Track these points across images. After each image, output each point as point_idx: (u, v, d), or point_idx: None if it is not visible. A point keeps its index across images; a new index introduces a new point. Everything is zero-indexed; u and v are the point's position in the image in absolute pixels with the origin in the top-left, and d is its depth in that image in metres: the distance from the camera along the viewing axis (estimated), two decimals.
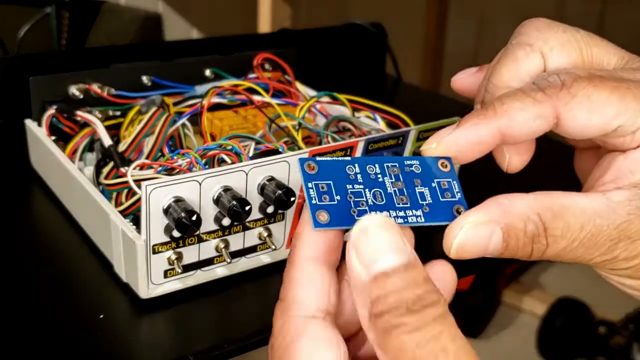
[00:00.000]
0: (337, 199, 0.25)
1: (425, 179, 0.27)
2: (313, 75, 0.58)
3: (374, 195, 0.26)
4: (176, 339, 0.37)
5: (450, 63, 1.60)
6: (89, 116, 0.46)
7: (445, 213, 0.27)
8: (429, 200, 0.27)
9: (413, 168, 0.27)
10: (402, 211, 0.26)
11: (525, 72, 0.29)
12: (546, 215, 0.26)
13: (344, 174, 0.26)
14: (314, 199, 0.25)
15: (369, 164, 0.27)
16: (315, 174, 0.26)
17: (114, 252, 0.39)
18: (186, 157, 0.41)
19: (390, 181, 0.27)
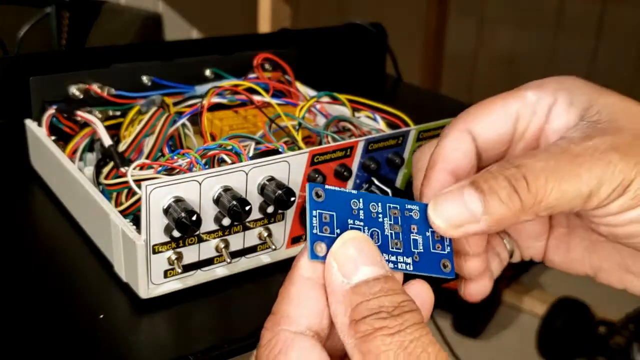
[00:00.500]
0: (337, 232, 0.26)
1: (422, 227, 0.28)
2: (313, 75, 0.58)
3: (371, 234, 0.26)
4: (176, 339, 0.37)
5: (450, 63, 1.60)
6: (89, 116, 0.46)
7: (433, 265, 0.28)
8: (421, 249, 0.27)
9: (412, 214, 0.28)
10: (394, 256, 0.27)
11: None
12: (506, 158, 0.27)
13: (348, 207, 0.27)
14: (315, 228, 0.25)
15: (372, 202, 0.27)
16: (322, 202, 0.26)
17: (114, 252, 0.39)
18: (186, 157, 0.41)
19: (389, 223, 0.27)
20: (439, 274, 0.28)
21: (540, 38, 1.51)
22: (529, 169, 0.26)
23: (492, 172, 0.26)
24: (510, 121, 0.29)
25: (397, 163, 0.44)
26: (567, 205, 0.26)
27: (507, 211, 0.25)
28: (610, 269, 0.32)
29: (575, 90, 0.29)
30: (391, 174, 0.45)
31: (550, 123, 0.29)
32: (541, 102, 0.29)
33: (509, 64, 1.56)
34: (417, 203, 0.28)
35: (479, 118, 0.29)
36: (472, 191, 0.26)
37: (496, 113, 0.29)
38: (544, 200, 0.25)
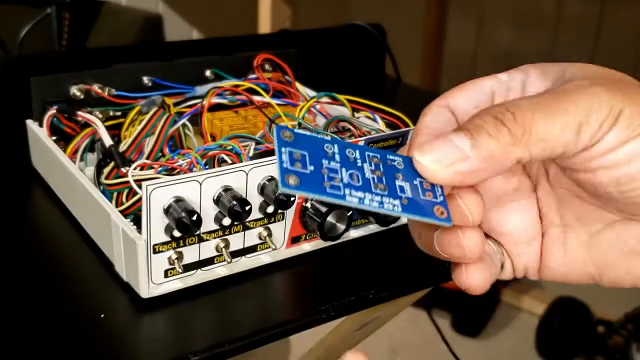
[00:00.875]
0: (311, 169, 0.24)
1: (407, 176, 0.26)
2: (313, 76, 0.58)
3: (350, 175, 0.25)
4: (176, 339, 0.37)
5: (449, 63, 1.60)
6: (90, 116, 0.47)
7: (425, 209, 0.25)
8: (409, 194, 0.25)
9: (395, 164, 0.26)
10: (378, 196, 0.25)
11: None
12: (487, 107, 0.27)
13: (321, 150, 0.25)
14: (285, 162, 0.24)
15: (349, 148, 0.26)
16: (291, 142, 0.24)
17: (114, 251, 0.39)
18: (186, 157, 0.41)
19: (369, 168, 0.25)
20: (435, 219, 0.25)
21: (540, 38, 1.51)
22: (513, 105, 0.25)
23: (477, 115, 0.26)
24: (486, 96, 0.29)
25: None
26: (558, 140, 0.25)
27: (496, 144, 0.25)
28: (615, 260, 0.30)
29: (547, 66, 0.29)
30: None
31: (527, 93, 0.29)
32: (513, 79, 0.29)
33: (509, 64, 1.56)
34: (400, 155, 0.26)
35: (456, 94, 0.30)
36: (459, 132, 0.25)
37: (472, 89, 0.30)
38: (533, 130, 0.25)
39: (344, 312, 0.40)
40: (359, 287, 0.40)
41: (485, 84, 0.30)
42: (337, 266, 0.43)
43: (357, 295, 0.39)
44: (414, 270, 0.43)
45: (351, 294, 0.39)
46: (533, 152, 0.25)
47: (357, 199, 0.24)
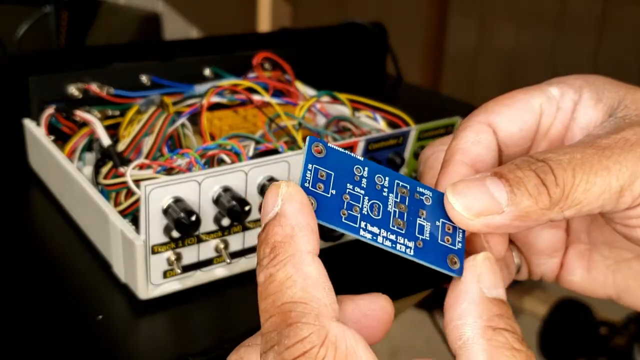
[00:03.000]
0: (332, 193, 0.23)
1: (432, 214, 0.25)
2: (313, 75, 0.58)
3: (371, 206, 0.24)
4: (175, 340, 0.37)
5: (450, 62, 1.60)
6: (88, 116, 0.46)
7: (438, 257, 0.24)
8: (426, 236, 0.24)
9: (424, 198, 0.25)
10: (393, 235, 0.24)
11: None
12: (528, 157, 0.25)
13: (350, 171, 0.24)
14: (307, 181, 0.23)
15: (379, 174, 0.25)
16: (320, 158, 0.24)
17: (112, 252, 0.39)
18: (185, 157, 0.41)
19: (394, 200, 0.24)
20: (445, 268, 0.24)
21: (542, 37, 1.51)
22: (555, 162, 0.24)
23: (517, 164, 0.24)
24: (533, 116, 0.27)
25: (397, 163, 0.44)
26: (596, 202, 0.24)
27: (534, 205, 0.23)
28: (637, 288, 0.30)
29: (602, 87, 0.27)
30: None
31: (576, 120, 0.27)
32: (565, 97, 0.27)
33: (510, 63, 1.56)
34: (432, 189, 0.25)
35: (500, 111, 0.27)
36: (496, 179, 0.24)
37: (519, 107, 0.27)
38: (571, 195, 0.23)
39: None
40: (359, 288, 0.40)
41: (534, 101, 0.27)
42: (338, 267, 0.42)
43: None
44: (415, 271, 0.43)
45: None
46: (567, 214, 0.24)
47: (370, 234, 0.23)
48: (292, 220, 0.22)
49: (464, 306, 0.23)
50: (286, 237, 0.22)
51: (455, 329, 0.23)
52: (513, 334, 0.22)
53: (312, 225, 0.22)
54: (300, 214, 0.22)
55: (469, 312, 0.23)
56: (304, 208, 0.22)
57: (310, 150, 0.24)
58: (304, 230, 0.22)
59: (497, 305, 0.23)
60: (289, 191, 0.22)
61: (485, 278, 0.23)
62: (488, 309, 0.23)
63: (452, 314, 0.23)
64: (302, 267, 0.22)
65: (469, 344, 0.22)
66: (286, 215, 0.22)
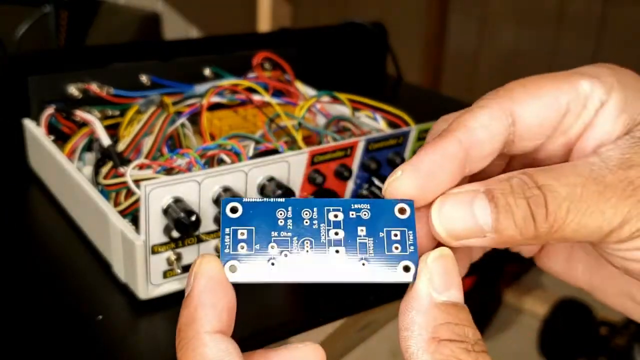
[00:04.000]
0: (256, 248, 0.23)
1: (372, 228, 0.24)
2: (313, 75, 0.58)
3: (302, 244, 0.23)
4: (175, 340, 0.36)
5: (451, 62, 1.60)
6: (88, 116, 0.46)
7: (387, 270, 0.23)
8: (370, 253, 0.23)
9: (360, 213, 0.24)
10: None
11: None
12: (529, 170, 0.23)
13: (273, 218, 0.23)
14: (227, 247, 0.23)
15: (305, 208, 0.24)
16: (238, 218, 0.23)
17: (112, 252, 0.39)
18: (185, 157, 0.40)
19: (327, 228, 0.23)
20: (396, 278, 0.23)
21: (542, 37, 1.51)
22: (551, 195, 0.23)
23: (513, 187, 0.23)
24: (558, 113, 0.25)
25: (397, 163, 0.44)
26: (582, 239, 0.23)
27: (517, 235, 0.23)
28: (612, 293, 0.30)
29: (631, 93, 0.25)
30: None
31: (594, 128, 0.25)
32: (594, 96, 0.25)
33: (511, 63, 1.55)
34: (368, 200, 0.24)
35: (526, 101, 0.25)
36: (485, 203, 0.23)
37: (546, 101, 0.25)
38: (559, 232, 0.23)
39: (344, 314, 0.40)
40: (359, 289, 0.40)
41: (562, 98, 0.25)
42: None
43: (357, 297, 0.39)
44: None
45: (352, 296, 0.39)
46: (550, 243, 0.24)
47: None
48: (195, 300, 0.22)
49: (411, 316, 0.22)
50: (188, 319, 0.22)
51: (403, 340, 0.22)
52: (460, 343, 0.22)
53: (216, 301, 0.22)
54: (206, 291, 0.22)
55: (414, 322, 0.22)
56: (211, 283, 0.22)
57: (225, 213, 0.23)
58: (205, 309, 0.22)
59: (445, 312, 0.22)
60: (199, 269, 0.23)
61: (437, 280, 0.23)
62: (434, 318, 0.22)
63: (401, 323, 0.23)
64: (200, 350, 0.22)
65: (414, 359, 0.22)
66: (192, 296, 0.22)
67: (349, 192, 0.43)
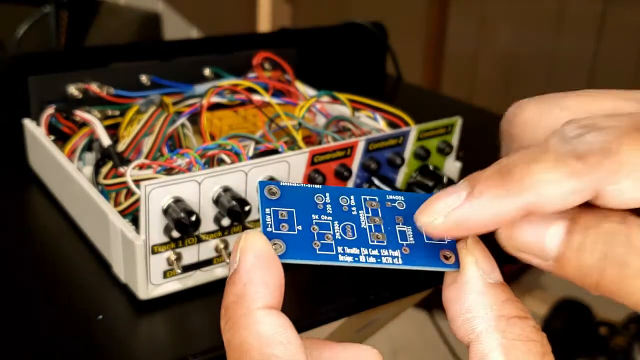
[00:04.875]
0: (299, 229, 0.23)
1: (410, 217, 0.23)
2: (313, 75, 0.58)
3: (343, 228, 0.23)
4: (175, 340, 0.37)
5: (451, 62, 1.60)
6: (88, 116, 0.46)
7: (430, 257, 0.23)
8: (411, 240, 0.23)
9: (396, 204, 0.24)
10: (375, 249, 0.23)
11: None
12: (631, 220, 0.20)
13: (311, 202, 0.23)
14: (269, 226, 0.22)
15: (343, 195, 0.24)
16: (277, 199, 0.23)
17: (112, 252, 0.39)
18: (185, 157, 0.40)
19: (366, 215, 0.24)
20: (440, 266, 0.23)
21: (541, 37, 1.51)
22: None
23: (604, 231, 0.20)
24: None
25: (397, 163, 0.44)
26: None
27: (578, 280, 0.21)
28: None
29: None
30: (392, 174, 0.45)
31: None
32: None
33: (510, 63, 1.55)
34: (402, 193, 0.24)
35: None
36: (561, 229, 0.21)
37: None
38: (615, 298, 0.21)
39: (345, 313, 0.40)
40: (359, 288, 0.40)
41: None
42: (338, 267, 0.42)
43: (357, 297, 0.39)
44: (416, 271, 0.42)
45: (352, 295, 0.39)
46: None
47: (351, 257, 0.23)
48: (244, 277, 0.21)
49: (471, 298, 0.22)
50: (237, 297, 0.21)
51: (466, 322, 0.22)
52: (527, 320, 0.22)
53: (267, 278, 0.22)
54: (255, 267, 0.22)
55: (477, 303, 0.22)
56: (260, 260, 0.22)
57: (264, 194, 0.23)
58: (255, 286, 0.21)
59: (502, 291, 0.22)
60: (246, 244, 0.22)
61: (482, 263, 0.23)
62: (495, 296, 0.22)
63: (458, 308, 0.22)
64: (254, 327, 0.21)
65: (483, 338, 0.22)
66: (240, 273, 0.22)
67: None
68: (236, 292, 0.21)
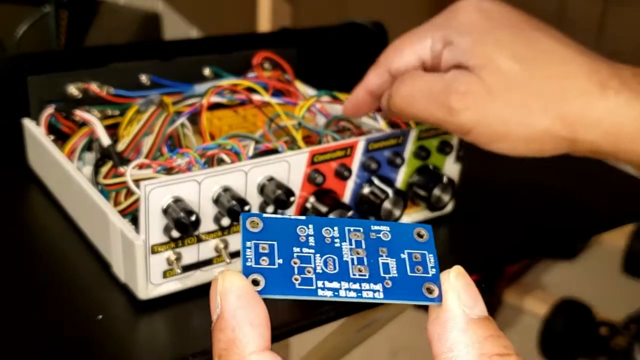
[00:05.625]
0: (279, 263, 0.22)
1: (394, 249, 0.24)
2: (313, 75, 0.58)
3: (324, 261, 0.23)
4: (175, 340, 0.37)
5: None
6: (88, 115, 0.46)
7: (412, 291, 0.23)
8: (394, 273, 0.23)
9: (381, 235, 0.24)
10: (356, 283, 0.23)
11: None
12: None
13: (294, 234, 0.23)
14: (249, 260, 0.22)
15: (326, 227, 0.24)
16: (259, 232, 0.23)
17: (112, 252, 0.39)
18: (185, 157, 0.40)
19: (349, 247, 0.23)
20: (423, 299, 0.23)
21: None
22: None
23: None
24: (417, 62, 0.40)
25: (397, 163, 0.44)
26: None
27: None
28: None
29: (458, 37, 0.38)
30: (392, 174, 0.45)
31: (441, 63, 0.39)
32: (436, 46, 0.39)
33: None
34: (387, 223, 0.24)
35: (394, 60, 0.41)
36: None
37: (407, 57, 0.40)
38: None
39: (345, 313, 0.40)
40: None
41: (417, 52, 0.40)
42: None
43: None
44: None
45: None
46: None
47: (330, 291, 0.22)
48: (231, 320, 0.21)
49: (453, 336, 0.22)
50: (228, 343, 0.21)
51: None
52: (508, 357, 0.22)
53: (252, 317, 0.21)
54: (240, 309, 0.21)
55: (459, 341, 0.22)
56: (242, 301, 0.21)
57: (246, 227, 0.23)
58: (244, 328, 0.21)
59: (485, 326, 0.22)
60: (225, 286, 0.22)
61: (465, 297, 0.23)
62: (477, 334, 0.22)
63: (441, 346, 0.22)
64: None
65: None
66: (225, 318, 0.21)
67: (349, 192, 0.43)
68: (226, 339, 0.21)
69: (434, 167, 0.47)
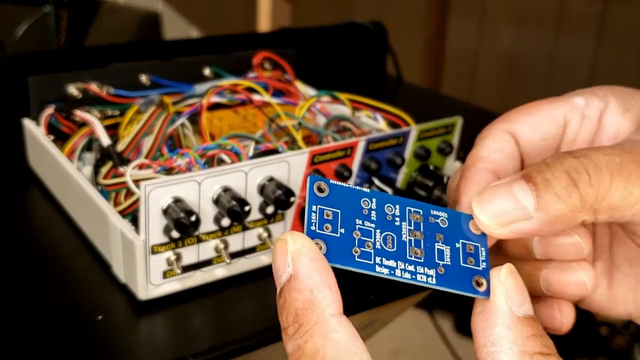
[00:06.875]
0: (341, 232, 0.22)
1: (450, 237, 0.24)
2: (313, 75, 0.58)
3: (384, 238, 0.23)
4: (175, 340, 0.37)
5: (451, 62, 1.60)
6: (88, 115, 0.46)
7: (462, 281, 0.23)
8: (447, 261, 0.23)
9: (439, 220, 0.24)
10: (412, 265, 0.23)
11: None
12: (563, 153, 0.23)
13: (357, 206, 0.23)
14: (313, 224, 0.22)
15: (388, 203, 0.23)
16: (324, 197, 0.23)
17: (112, 252, 0.39)
18: (185, 157, 0.40)
19: (408, 228, 0.23)
20: (471, 292, 0.23)
21: (542, 37, 1.51)
22: (591, 161, 0.23)
23: (548, 163, 0.23)
24: (556, 125, 0.27)
25: (398, 163, 0.44)
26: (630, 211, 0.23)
27: (564, 207, 0.22)
28: None
29: (629, 96, 0.26)
30: (392, 174, 0.45)
31: (604, 129, 0.26)
32: (591, 106, 0.27)
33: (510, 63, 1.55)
34: (446, 210, 0.24)
35: (522, 120, 0.27)
36: (522, 183, 0.23)
37: (541, 116, 0.27)
38: (607, 199, 0.22)
39: (345, 313, 0.40)
40: (360, 289, 0.40)
41: (558, 110, 0.27)
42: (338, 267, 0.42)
43: (358, 297, 0.39)
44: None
45: (352, 296, 0.39)
46: (600, 218, 0.23)
47: (387, 269, 0.23)
48: (308, 282, 0.21)
49: (497, 331, 0.22)
50: (306, 303, 0.21)
51: (490, 355, 0.22)
52: (549, 357, 0.22)
53: (329, 280, 0.21)
54: (315, 271, 0.21)
55: (503, 337, 0.22)
56: (315, 263, 0.21)
57: (313, 190, 0.23)
58: (322, 290, 0.21)
59: (529, 325, 0.22)
60: (297, 247, 0.22)
61: (513, 295, 0.23)
62: (521, 331, 0.22)
63: (484, 339, 0.23)
64: (329, 335, 0.21)
65: None
66: (300, 278, 0.21)
67: None
68: (303, 299, 0.21)
69: (435, 167, 0.47)
